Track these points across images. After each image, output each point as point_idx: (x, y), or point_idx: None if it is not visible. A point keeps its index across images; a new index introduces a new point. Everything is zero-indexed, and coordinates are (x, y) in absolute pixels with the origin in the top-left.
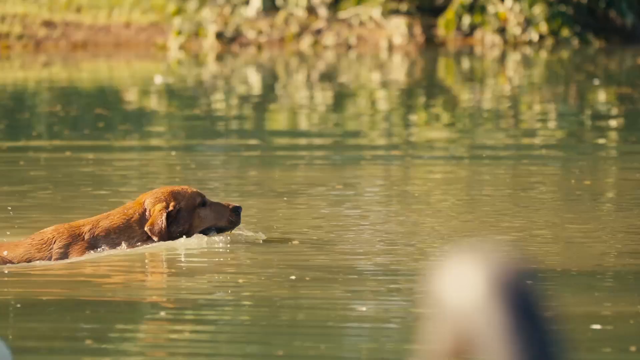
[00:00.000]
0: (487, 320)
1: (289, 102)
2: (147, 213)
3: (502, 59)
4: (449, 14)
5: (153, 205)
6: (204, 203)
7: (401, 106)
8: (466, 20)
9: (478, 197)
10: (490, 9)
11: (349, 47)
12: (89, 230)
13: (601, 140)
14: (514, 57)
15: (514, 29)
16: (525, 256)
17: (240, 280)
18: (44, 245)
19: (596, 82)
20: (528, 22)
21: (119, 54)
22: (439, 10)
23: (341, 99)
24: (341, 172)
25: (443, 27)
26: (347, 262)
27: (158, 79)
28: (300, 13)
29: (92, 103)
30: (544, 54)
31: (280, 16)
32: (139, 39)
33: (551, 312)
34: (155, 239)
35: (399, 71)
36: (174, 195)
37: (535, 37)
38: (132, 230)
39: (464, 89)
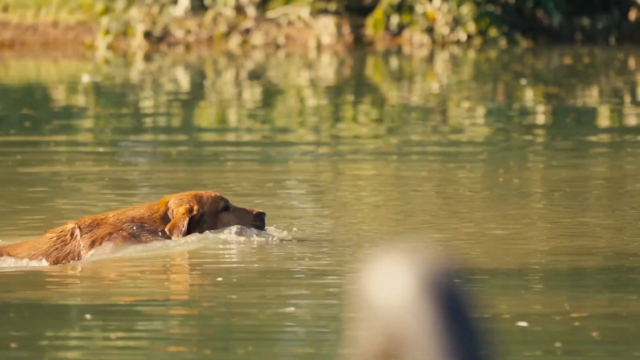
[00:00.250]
0: (416, 321)
1: (217, 100)
2: (170, 213)
3: (430, 58)
4: (377, 14)
5: (177, 206)
6: (227, 208)
7: (329, 104)
8: (394, 19)
9: (407, 195)
10: (419, 8)
11: (278, 46)
12: (114, 216)
13: (528, 138)
14: (442, 57)
15: (442, 29)
16: (453, 256)
17: (168, 284)
18: (69, 237)
19: (523, 81)
20: (456, 22)
21: (46, 53)
22: (367, 10)
23: (270, 97)
24: (270, 168)
25: (371, 26)
26: (277, 263)
27: (86, 78)
28: (229, 12)
29: (19, 102)
30: (472, 54)
31: (209, 16)
32: (67, 38)
33: (479, 311)
34: (173, 236)
35: (327, 70)
36: (198, 199)
37: (463, 36)
38: (156, 225)
39: (392, 88)
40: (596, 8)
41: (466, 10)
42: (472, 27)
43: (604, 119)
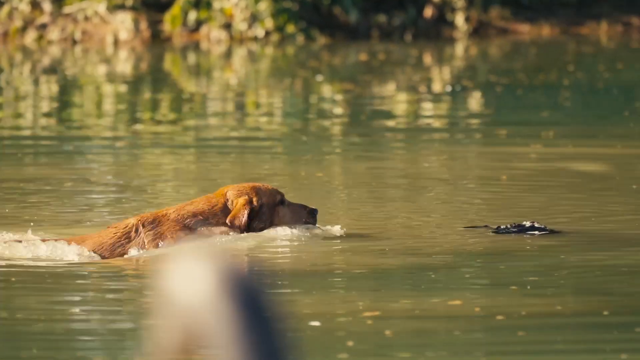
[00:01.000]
0: (215, 318)
1: (12, 94)
2: (229, 204)
3: (228, 54)
4: (175, 10)
5: (236, 197)
6: (282, 201)
7: (127, 99)
8: (192, 15)
9: (207, 188)
10: (216, 4)
11: (75, 42)
12: (175, 212)
13: (324, 133)
14: (240, 53)
15: (240, 25)
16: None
17: None
18: (133, 233)
19: (320, 77)
20: (254, 18)
21: None
22: (165, 6)
23: (66, 91)
24: (68, 164)
25: (169, 22)
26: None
27: None
28: (24, 7)
29: None
30: (269, 50)
31: (4, 10)
32: None
33: (277, 310)
34: (235, 231)
35: (124, 65)
36: (257, 191)
37: (261, 33)
38: (217, 218)
39: (190, 83)
40: (392, 5)
41: (264, 6)
42: (269, 23)
43: (399, 114)
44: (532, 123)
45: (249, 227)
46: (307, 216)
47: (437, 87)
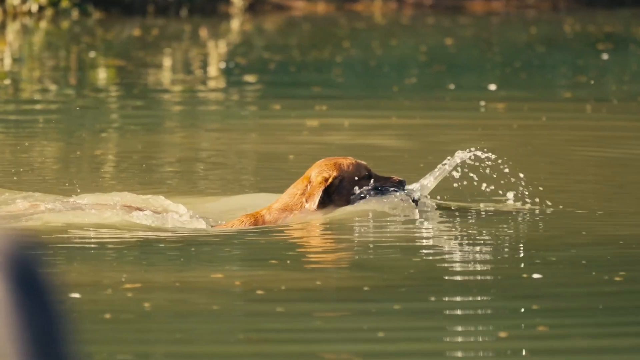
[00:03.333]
0: None
1: None
2: (311, 185)
3: (1, 28)
4: None
5: (316, 176)
6: (369, 176)
7: None
8: None
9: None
10: None
11: None
12: (267, 212)
13: (100, 109)
14: (13, 27)
15: (14, 0)
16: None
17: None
18: None
19: (93, 53)
20: None
21: None
22: None
23: None
24: None
25: None
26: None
27: None
28: None
29: None
30: (44, 25)
31: None
32: None
33: (53, 287)
34: (316, 213)
35: None
36: (338, 166)
37: (35, 7)
38: (301, 205)
39: None
40: None
41: None
42: None
43: (173, 90)
44: (305, 98)
45: (331, 203)
46: (394, 187)
47: (212, 62)
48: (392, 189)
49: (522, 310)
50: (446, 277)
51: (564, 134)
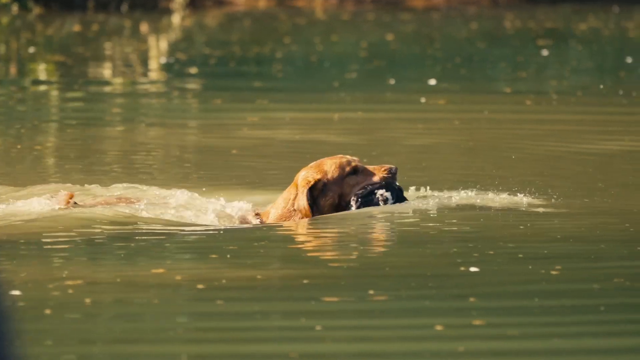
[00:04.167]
0: None
1: None
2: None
3: None
4: None
5: (301, 181)
6: (355, 171)
7: None
8: None
9: None
10: None
11: None
12: (265, 217)
13: (32, 104)
14: None
15: None
16: None
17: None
18: None
19: (32, 49)
20: None
21: None
22: None
23: None
24: None
25: None
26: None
27: None
28: None
29: None
30: None
31: None
32: None
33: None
34: (307, 216)
35: None
36: (321, 169)
37: None
38: (295, 213)
39: None
40: None
41: None
42: None
43: (114, 85)
44: (246, 93)
45: (317, 208)
46: (382, 177)
47: (152, 58)
48: (377, 192)
49: (459, 303)
50: (385, 272)
51: (504, 128)
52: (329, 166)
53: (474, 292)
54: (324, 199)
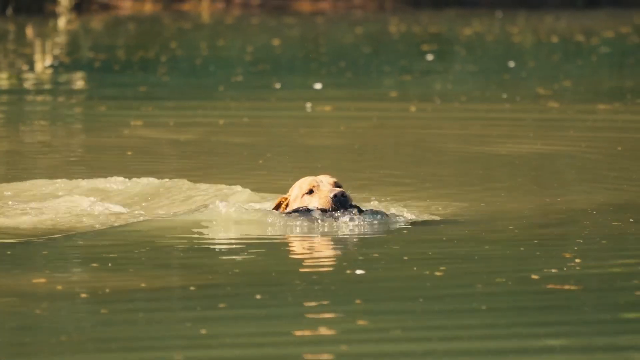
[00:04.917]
0: None
1: None
2: None
3: None
4: None
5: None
6: (310, 191)
7: None
8: None
9: None
10: None
11: None
12: None
13: None
14: None
15: None
16: None
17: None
18: None
19: None
20: None
21: None
22: None
23: None
24: None
25: None
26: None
27: None
28: None
29: None
30: None
31: None
32: None
33: None
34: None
35: None
36: (292, 189)
37: None
38: None
39: None
40: None
41: None
42: None
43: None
44: (130, 98)
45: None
46: (328, 203)
47: (37, 61)
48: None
49: (345, 304)
50: (272, 276)
51: (390, 133)
52: (298, 184)
53: (359, 293)
54: (289, 213)
